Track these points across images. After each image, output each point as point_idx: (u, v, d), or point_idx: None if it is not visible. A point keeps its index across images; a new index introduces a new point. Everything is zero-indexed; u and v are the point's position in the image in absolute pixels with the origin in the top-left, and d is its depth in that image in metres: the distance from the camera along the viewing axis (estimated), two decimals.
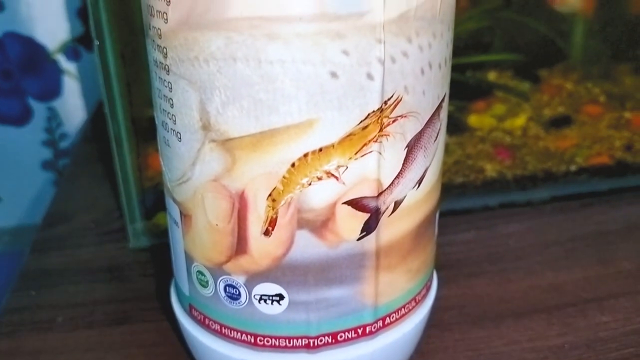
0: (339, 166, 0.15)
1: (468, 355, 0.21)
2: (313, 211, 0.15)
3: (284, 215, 0.15)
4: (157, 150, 0.18)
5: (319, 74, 0.14)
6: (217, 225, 0.16)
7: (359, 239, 0.16)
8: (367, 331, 0.18)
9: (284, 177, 0.15)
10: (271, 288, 0.17)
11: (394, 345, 0.19)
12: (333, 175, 0.15)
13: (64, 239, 0.29)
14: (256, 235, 0.16)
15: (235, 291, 0.17)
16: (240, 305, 0.17)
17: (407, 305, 0.18)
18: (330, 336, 0.17)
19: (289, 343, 0.17)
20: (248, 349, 0.18)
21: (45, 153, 0.47)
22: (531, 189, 0.30)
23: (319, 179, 0.15)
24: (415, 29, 0.15)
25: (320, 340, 0.17)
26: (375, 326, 0.18)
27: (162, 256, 0.23)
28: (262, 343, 0.17)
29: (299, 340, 0.17)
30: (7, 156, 0.47)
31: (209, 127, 0.15)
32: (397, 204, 0.16)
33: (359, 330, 0.18)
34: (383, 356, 0.18)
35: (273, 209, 0.15)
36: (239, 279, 0.17)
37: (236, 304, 0.17)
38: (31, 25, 0.43)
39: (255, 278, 0.16)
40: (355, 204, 0.16)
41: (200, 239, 0.17)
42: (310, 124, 0.14)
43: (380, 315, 0.18)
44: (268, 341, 0.17)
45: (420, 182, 0.17)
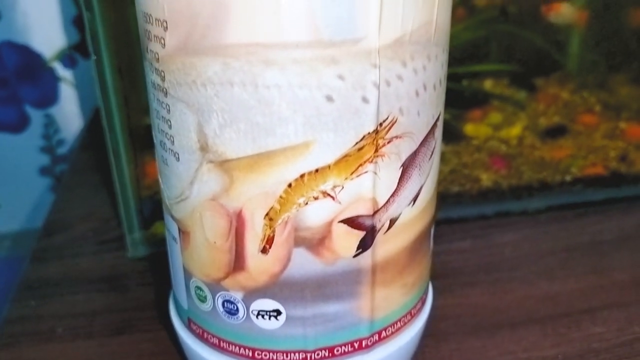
0: (335, 186, 0.15)
1: None
2: (310, 229, 0.16)
3: (281, 234, 0.16)
4: (155, 158, 0.18)
5: (315, 98, 0.14)
6: (215, 242, 0.16)
7: (355, 256, 0.16)
8: (364, 345, 0.18)
9: (280, 197, 0.15)
10: (269, 304, 0.17)
11: (390, 358, 0.19)
12: (329, 194, 0.15)
13: (63, 248, 0.30)
14: (254, 253, 0.16)
15: (233, 306, 0.17)
16: (238, 320, 0.17)
17: (403, 319, 0.19)
18: (327, 350, 0.18)
19: (287, 357, 0.18)
20: None
21: (43, 159, 0.47)
22: (526, 199, 0.31)
23: (316, 198, 0.15)
24: (410, 53, 0.15)
25: (317, 354, 0.18)
26: (371, 340, 0.18)
27: (160, 265, 0.23)
28: (260, 357, 0.18)
29: (296, 354, 0.18)
30: (5, 163, 0.47)
31: (206, 149, 0.15)
32: (393, 222, 0.17)
33: (355, 344, 0.18)
34: None
35: (270, 228, 0.16)
36: (237, 295, 0.17)
37: (234, 319, 0.17)
38: (27, 34, 0.43)
39: (253, 294, 0.17)
40: (351, 222, 0.16)
41: (198, 255, 0.17)
42: (306, 145, 0.15)
43: (376, 329, 0.18)
44: (266, 355, 0.18)
45: (415, 200, 0.17)
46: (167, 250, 0.19)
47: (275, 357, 0.18)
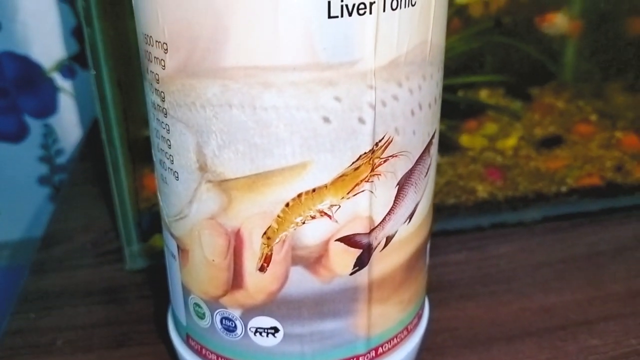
0: (331, 205, 0.16)
1: None
2: (307, 248, 0.16)
3: (278, 252, 0.16)
4: (153, 170, 0.18)
5: (312, 119, 0.14)
6: (214, 260, 0.16)
7: (351, 274, 0.17)
8: None
9: (278, 216, 0.15)
10: (266, 321, 0.17)
11: None
12: (326, 214, 0.16)
13: (62, 260, 0.30)
14: (251, 271, 0.16)
15: (232, 324, 0.17)
16: (236, 337, 0.18)
17: (399, 335, 0.19)
18: None
19: None
20: None
21: (42, 169, 0.47)
22: (522, 210, 0.31)
23: (313, 217, 0.15)
24: (405, 73, 0.15)
25: None
26: (368, 356, 0.18)
27: (159, 277, 0.23)
28: None
29: None
30: (4, 172, 0.47)
31: (205, 169, 0.15)
32: (389, 239, 0.17)
33: None
34: None
35: (268, 247, 0.16)
36: (235, 312, 0.17)
37: (232, 335, 0.18)
38: (27, 45, 0.43)
39: (250, 311, 0.17)
40: (348, 240, 0.16)
41: (197, 273, 0.17)
42: (303, 166, 0.15)
43: (373, 346, 0.18)
44: None
45: (411, 217, 0.17)
46: (166, 266, 0.19)
47: None
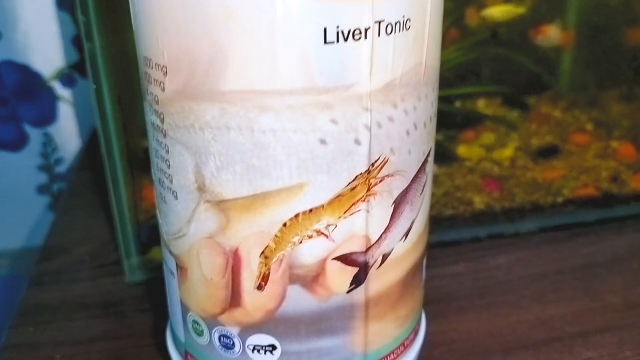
0: (328, 225, 0.16)
1: None
2: (304, 267, 0.16)
3: (276, 272, 0.16)
4: (152, 181, 0.18)
5: (309, 142, 0.15)
6: (212, 279, 0.17)
7: (348, 292, 0.17)
8: None
9: (276, 236, 0.16)
10: (264, 339, 0.17)
11: None
12: (323, 233, 0.16)
13: (61, 273, 0.30)
14: (250, 290, 0.16)
15: (230, 341, 0.18)
16: (234, 355, 0.18)
17: (396, 351, 0.19)
18: None
19: None
20: None
21: (41, 178, 0.48)
22: (519, 221, 0.31)
23: (310, 237, 0.16)
24: (401, 95, 0.15)
25: None
26: None
27: (158, 290, 0.23)
28: None
29: None
30: (3, 181, 0.47)
31: (204, 189, 0.16)
32: (385, 257, 0.17)
33: None
34: None
35: (266, 266, 0.16)
36: (234, 330, 0.17)
37: (231, 353, 0.18)
38: (27, 54, 0.43)
39: (249, 329, 0.17)
40: (345, 259, 0.16)
41: (195, 291, 0.17)
42: (301, 187, 0.15)
43: None
44: None
45: (407, 235, 0.18)
46: (165, 283, 0.19)
47: None
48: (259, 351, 0.17)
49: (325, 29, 0.13)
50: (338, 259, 0.16)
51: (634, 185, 0.33)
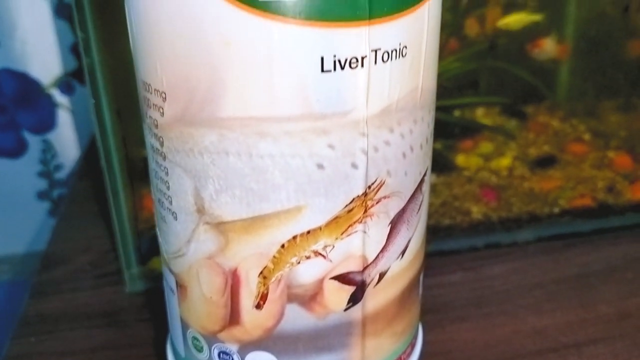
0: (326, 246, 0.16)
1: None
2: (302, 286, 0.16)
3: (274, 291, 0.16)
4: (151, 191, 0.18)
5: (306, 166, 0.15)
6: (211, 297, 0.17)
7: (345, 310, 0.17)
8: None
9: (274, 257, 0.16)
10: (263, 356, 0.17)
11: None
12: (320, 254, 0.16)
13: (62, 282, 0.30)
14: (248, 309, 0.17)
15: (229, 358, 0.18)
16: None
17: None
18: None
19: None
20: None
21: (41, 184, 0.48)
22: (516, 230, 0.31)
23: (308, 257, 0.16)
24: (397, 119, 0.16)
25: None
26: None
27: (158, 300, 0.23)
28: None
29: None
30: (3, 187, 0.47)
31: (203, 211, 0.16)
32: (382, 275, 0.17)
33: None
34: None
35: (264, 285, 0.16)
36: (233, 347, 0.18)
37: None
38: (25, 61, 0.44)
39: (247, 347, 0.17)
40: (342, 278, 0.17)
41: (195, 308, 0.18)
42: (298, 209, 0.15)
43: None
44: None
45: (403, 253, 0.18)
46: (165, 298, 0.20)
47: None
48: None
49: (322, 58, 0.14)
50: (335, 278, 0.16)
51: (630, 196, 0.33)
